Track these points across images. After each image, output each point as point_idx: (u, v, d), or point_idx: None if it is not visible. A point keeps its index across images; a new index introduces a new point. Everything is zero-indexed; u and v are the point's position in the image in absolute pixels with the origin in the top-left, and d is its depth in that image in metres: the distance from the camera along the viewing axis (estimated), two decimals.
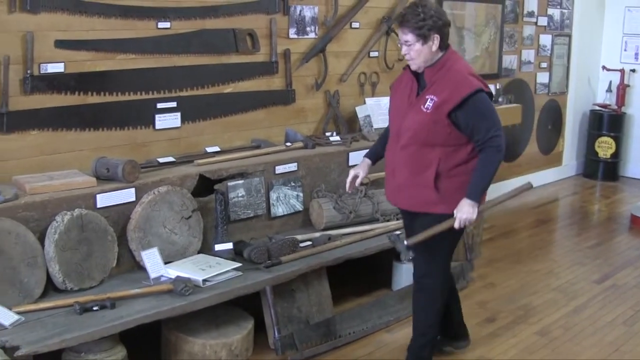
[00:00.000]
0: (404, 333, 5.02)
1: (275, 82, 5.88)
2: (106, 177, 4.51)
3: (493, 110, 4.09)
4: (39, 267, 4.04)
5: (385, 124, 6.32)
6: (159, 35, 5.09)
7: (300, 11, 5.95)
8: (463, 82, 4.02)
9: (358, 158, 4.91)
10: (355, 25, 6.46)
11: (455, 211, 4.05)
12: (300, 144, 5.66)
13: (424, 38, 4.00)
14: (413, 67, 4.14)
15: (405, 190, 4.24)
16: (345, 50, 6.41)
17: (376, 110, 6.44)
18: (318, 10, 6.09)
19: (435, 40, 4.02)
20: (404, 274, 5.61)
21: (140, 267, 4.46)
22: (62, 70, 4.62)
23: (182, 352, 4.29)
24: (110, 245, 4.34)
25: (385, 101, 6.41)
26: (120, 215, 4.46)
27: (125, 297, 4.11)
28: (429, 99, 4.04)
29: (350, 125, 6.39)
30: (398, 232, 4.51)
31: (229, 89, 5.57)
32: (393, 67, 6.82)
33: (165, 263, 4.45)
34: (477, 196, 4.05)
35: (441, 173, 4.10)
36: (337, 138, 5.98)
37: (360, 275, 5.75)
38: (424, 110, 4.03)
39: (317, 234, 5.28)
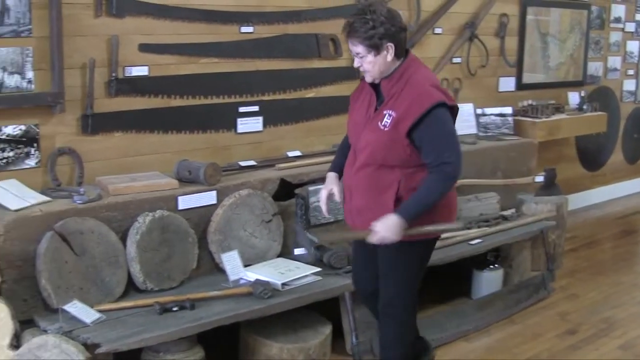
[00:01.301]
0: (482, 343, 4.96)
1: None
2: (188, 180, 4.56)
3: (451, 130, 3.68)
4: (120, 267, 4.10)
5: (467, 131, 6.32)
6: (242, 40, 5.13)
7: None
8: (423, 95, 3.60)
9: None
10: (438, 30, 6.41)
11: (377, 223, 3.59)
12: None
13: (376, 48, 3.60)
14: (368, 80, 3.77)
15: (363, 215, 3.76)
16: (428, 56, 6.34)
17: (459, 117, 6.33)
18: (401, 15, 6.04)
19: (390, 50, 3.62)
20: (483, 283, 5.56)
21: (220, 270, 4.49)
22: (146, 73, 4.70)
23: (260, 354, 4.30)
24: (191, 247, 4.38)
25: (467, 108, 6.36)
26: (201, 217, 4.50)
27: (205, 299, 4.14)
28: (386, 115, 3.62)
29: None
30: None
31: (311, 93, 5.58)
32: (476, 74, 6.75)
33: (245, 266, 4.47)
34: (409, 218, 3.57)
35: (402, 197, 3.65)
36: None
37: (439, 283, 5.68)
38: (382, 127, 3.62)
39: None
